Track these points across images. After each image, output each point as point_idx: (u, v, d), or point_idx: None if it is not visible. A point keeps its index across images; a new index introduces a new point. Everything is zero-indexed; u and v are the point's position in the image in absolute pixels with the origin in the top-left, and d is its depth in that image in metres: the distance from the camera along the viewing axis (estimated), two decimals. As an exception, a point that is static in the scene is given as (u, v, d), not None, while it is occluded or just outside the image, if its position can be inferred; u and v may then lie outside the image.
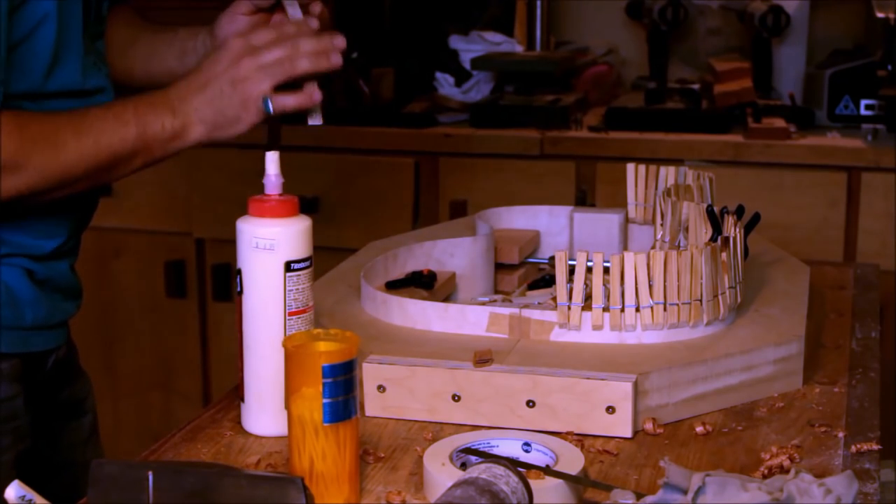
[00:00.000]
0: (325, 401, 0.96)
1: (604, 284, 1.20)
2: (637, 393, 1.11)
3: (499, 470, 0.91)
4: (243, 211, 1.14)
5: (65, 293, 1.37)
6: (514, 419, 1.12)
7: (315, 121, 1.31)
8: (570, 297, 1.20)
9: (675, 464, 0.91)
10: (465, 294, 1.45)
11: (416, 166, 2.59)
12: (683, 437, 1.12)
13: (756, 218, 1.42)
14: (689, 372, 1.16)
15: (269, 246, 1.11)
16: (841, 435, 1.12)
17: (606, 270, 1.20)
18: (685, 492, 0.89)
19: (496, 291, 1.48)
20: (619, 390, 1.11)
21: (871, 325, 1.44)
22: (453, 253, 1.46)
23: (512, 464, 0.93)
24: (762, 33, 2.75)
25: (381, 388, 1.16)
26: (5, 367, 1.30)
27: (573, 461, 1.00)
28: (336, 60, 1.30)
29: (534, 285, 1.48)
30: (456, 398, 1.14)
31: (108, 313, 2.79)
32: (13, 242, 1.29)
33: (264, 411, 1.13)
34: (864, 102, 2.52)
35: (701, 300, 1.21)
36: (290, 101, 1.29)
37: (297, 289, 1.12)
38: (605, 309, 1.20)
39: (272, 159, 1.12)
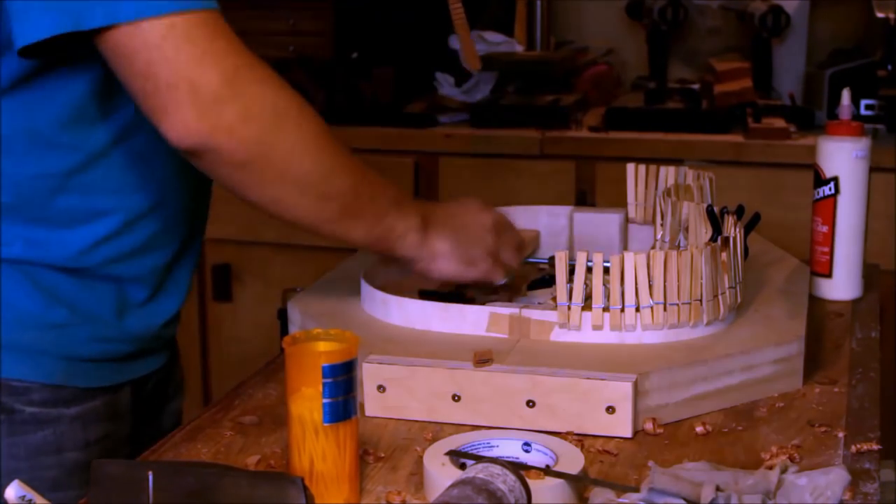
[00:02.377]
0: (325, 401, 0.96)
1: (604, 284, 1.20)
2: (637, 393, 1.11)
3: (496, 469, 0.91)
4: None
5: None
6: (514, 419, 1.12)
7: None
8: (570, 297, 1.20)
9: (660, 467, 0.91)
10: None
11: (416, 166, 2.59)
12: (683, 437, 1.12)
13: (756, 218, 1.42)
14: (689, 372, 1.16)
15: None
16: (841, 435, 1.11)
17: (606, 270, 1.20)
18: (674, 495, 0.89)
19: (496, 291, 1.48)
20: (619, 390, 1.11)
21: (871, 325, 1.44)
22: (453, 253, 1.45)
23: (512, 465, 0.93)
24: (762, 33, 2.75)
25: (381, 388, 1.16)
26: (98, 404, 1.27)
27: (573, 461, 1.00)
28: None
29: (534, 285, 1.48)
30: (456, 398, 1.14)
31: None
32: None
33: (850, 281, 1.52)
34: (864, 102, 2.52)
35: (701, 300, 1.21)
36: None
37: None
38: (605, 309, 1.20)
39: None
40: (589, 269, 1.20)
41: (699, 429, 1.13)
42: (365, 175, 1.21)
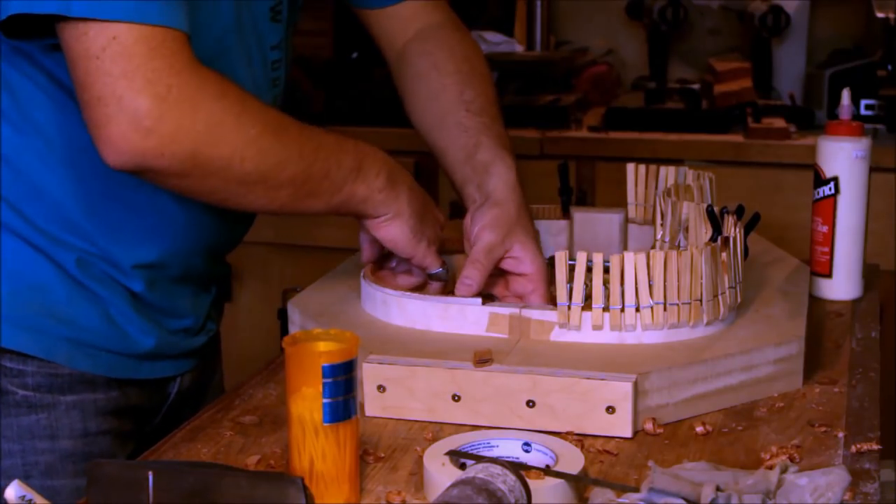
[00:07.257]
0: (325, 401, 0.96)
1: (604, 284, 1.20)
2: (637, 393, 1.11)
3: (496, 469, 0.91)
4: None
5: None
6: (514, 419, 1.12)
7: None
8: (570, 297, 1.20)
9: (660, 467, 0.91)
10: (465, 294, 1.45)
11: (416, 166, 2.58)
12: (683, 437, 1.12)
13: (756, 218, 1.42)
14: (689, 372, 1.16)
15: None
16: (841, 435, 1.12)
17: (606, 270, 1.20)
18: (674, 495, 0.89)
19: (496, 291, 1.48)
20: (619, 390, 1.11)
21: (871, 325, 1.44)
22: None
23: (512, 465, 0.93)
24: (762, 33, 2.75)
25: (381, 388, 1.16)
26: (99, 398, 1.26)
27: (573, 461, 1.00)
28: None
29: (534, 285, 1.47)
30: (456, 398, 1.14)
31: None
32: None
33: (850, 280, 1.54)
34: (864, 102, 2.52)
35: (701, 300, 1.21)
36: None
37: None
38: (605, 309, 1.20)
39: None
40: (589, 269, 1.20)
41: (699, 429, 1.13)
42: (318, 153, 1.19)
